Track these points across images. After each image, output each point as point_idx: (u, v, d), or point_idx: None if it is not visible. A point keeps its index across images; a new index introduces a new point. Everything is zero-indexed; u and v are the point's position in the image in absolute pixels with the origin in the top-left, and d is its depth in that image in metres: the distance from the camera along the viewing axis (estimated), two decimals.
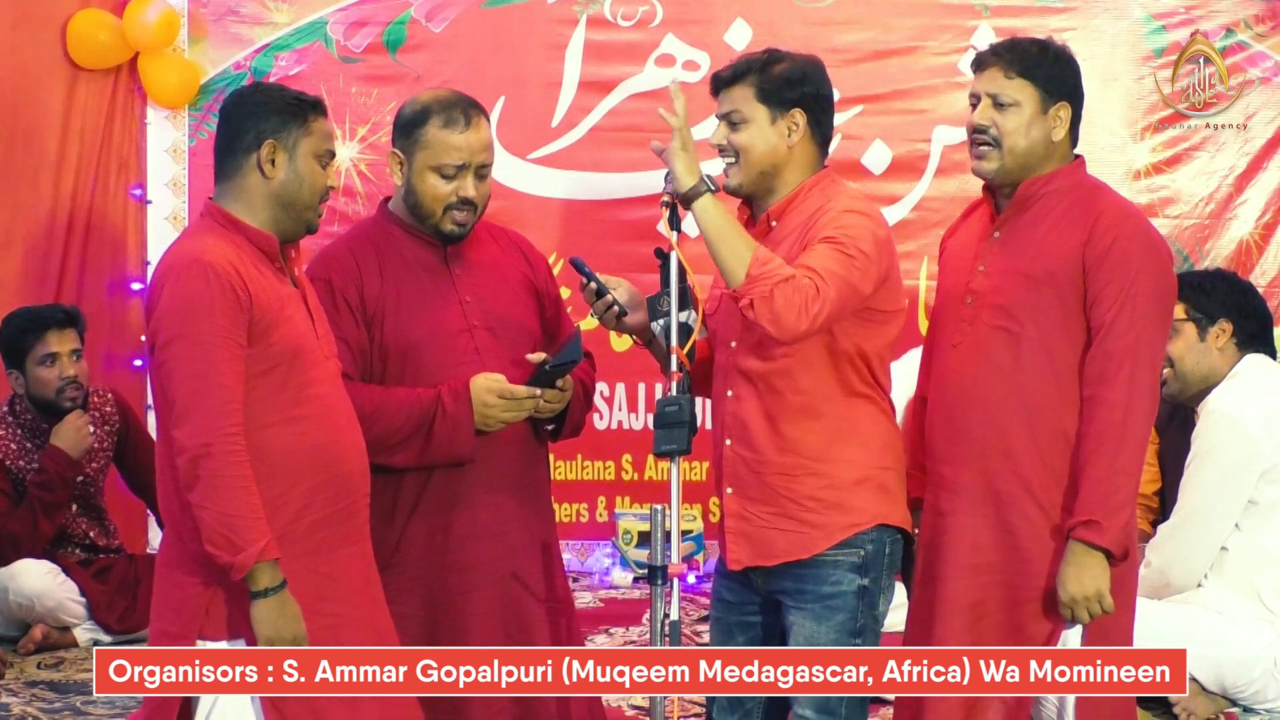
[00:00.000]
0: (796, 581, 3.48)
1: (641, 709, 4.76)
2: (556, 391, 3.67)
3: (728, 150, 3.51)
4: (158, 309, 3.23)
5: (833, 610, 3.46)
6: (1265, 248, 6.54)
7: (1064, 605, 3.39)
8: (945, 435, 3.55)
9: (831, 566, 3.46)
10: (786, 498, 3.46)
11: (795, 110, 3.49)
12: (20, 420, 5.70)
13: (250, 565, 3.14)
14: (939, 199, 6.58)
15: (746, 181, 3.52)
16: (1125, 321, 3.38)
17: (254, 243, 3.31)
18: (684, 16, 6.61)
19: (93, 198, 6.49)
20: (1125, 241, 3.41)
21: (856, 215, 3.44)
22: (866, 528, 3.47)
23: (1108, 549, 3.36)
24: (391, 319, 3.67)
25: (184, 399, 3.17)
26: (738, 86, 3.50)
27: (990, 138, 3.48)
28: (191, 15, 6.54)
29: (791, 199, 3.51)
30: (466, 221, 3.70)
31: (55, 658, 5.50)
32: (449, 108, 3.67)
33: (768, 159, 3.50)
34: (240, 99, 3.40)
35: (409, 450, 3.61)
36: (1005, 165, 3.49)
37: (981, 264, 3.53)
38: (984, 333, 3.49)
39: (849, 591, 3.47)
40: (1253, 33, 6.52)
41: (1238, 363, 4.83)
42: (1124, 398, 3.37)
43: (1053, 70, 3.49)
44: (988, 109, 3.48)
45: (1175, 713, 4.72)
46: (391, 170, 3.73)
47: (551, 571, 3.80)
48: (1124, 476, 3.38)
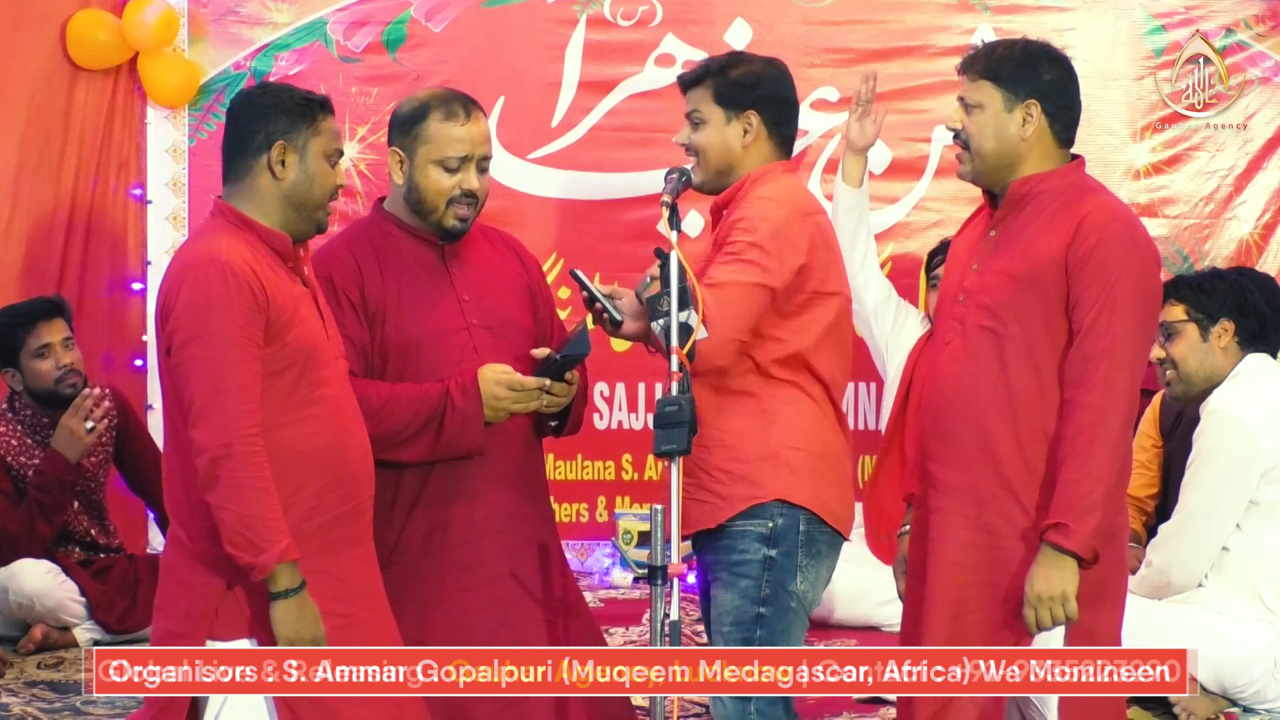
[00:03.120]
0: (713, 553, 3.63)
1: (641, 709, 4.75)
2: (564, 385, 3.69)
3: (690, 149, 3.69)
4: (175, 309, 3.22)
5: (738, 577, 3.59)
6: (1265, 248, 6.54)
7: (1028, 604, 3.38)
8: (933, 433, 3.56)
9: (739, 536, 3.59)
10: (701, 469, 3.59)
11: (750, 112, 3.64)
12: (20, 417, 5.70)
13: (272, 566, 3.15)
14: (939, 199, 6.58)
15: (707, 179, 3.70)
16: (1104, 324, 3.37)
17: (267, 242, 3.31)
18: (684, 16, 6.60)
19: (93, 197, 6.49)
20: (1108, 244, 3.40)
21: (762, 203, 3.60)
22: (766, 500, 3.58)
23: (1075, 552, 3.35)
24: (392, 318, 3.69)
25: (203, 399, 3.17)
26: (698, 88, 3.67)
27: (961, 141, 3.52)
28: (191, 15, 6.53)
29: (735, 190, 3.66)
30: (468, 216, 3.72)
31: (55, 658, 5.50)
32: (448, 102, 3.72)
33: (723, 158, 3.66)
34: (249, 100, 3.39)
35: (419, 445, 3.62)
36: (976, 167, 3.53)
37: (975, 263, 3.55)
38: (972, 332, 3.50)
39: (754, 560, 3.59)
40: (1253, 33, 6.52)
41: (1240, 362, 4.83)
42: (1098, 401, 3.36)
43: (1018, 69, 3.49)
44: (958, 113, 3.53)
45: (1175, 713, 4.72)
46: (391, 169, 3.74)
47: (550, 572, 3.80)
48: (1095, 480, 3.36)
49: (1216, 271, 5.19)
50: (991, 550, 3.47)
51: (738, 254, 3.52)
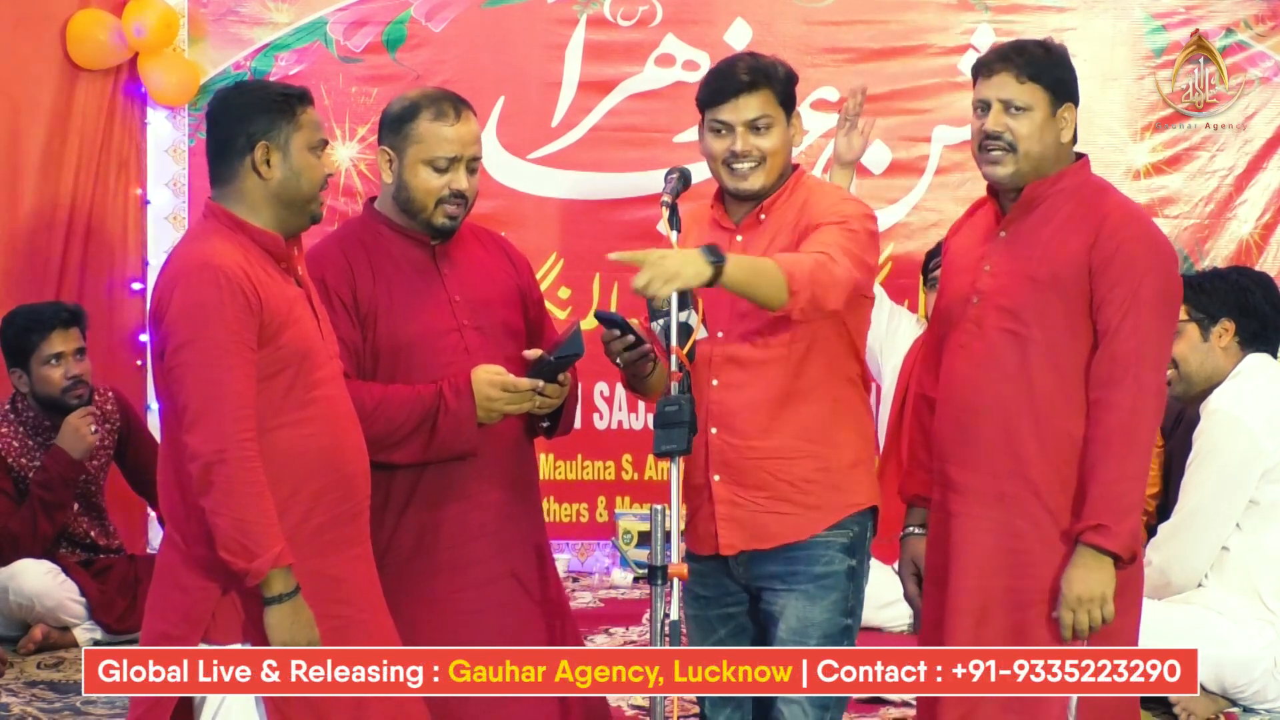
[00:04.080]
0: (788, 564, 3.54)
1: (641, 709, 4.75)
2: (556, 386, 3.67)
3: (751, 155, 3.55)
4: (168, 314, 3.20)
5: (826, 590, 3.53)
6: (1265, 248, 6.54)
7: (1066, 606, 3.37)
8: (953, 436, 3.54)
9: (824, 547, 3.53)
10: (784, 481, 3.52)
11: (795, 111, 3.61)
12: (22, 418, 5.70)
13: (265, 571, 3.13)
14: (939, 199, 6.58)
15: (769, 183, 3.59)
16: (1131, 325, 3.38)
17: (260, 243, 3.29)
18: (684, 16, 6.61)
19: (93, 198, 6.49)
20: (1131, 244, 3.41)
21: (853, 203, 3.62)
22: (864, 508, 3.58)
23: (1116, 553, 3.36)
24: (384, 318, 3.68)
25: (196, 404, 3.15)
26: (759, 92, 3.56)
27: (1005, 143, 3.47)
28: (191, 15, 6.54)
29: (783, 192, 3.60)
30: (457, 215, 3.71)
31: (55, 658, 5.50)
32: (438, 101, 3.70)
33: (784, 159, 3.60)
34: (225, 102, 3.35)
35: (412, 447, 3.62)
36: (1020, 170, 3.48)
37: (987, 264, 3.52)
38: (991, 335, 3.49)
39: (840, 571, 3.55)
40: (1253, 33, 6.52)
41: (1240, 362, 4.83)
42: (1131, 401, 3.37)
43: (1059, 72, 3.50)
44: (1000, 114, 3.47)
45: (1175, 713, 4.71)
46: (380, 168, 3.73)
47: (546, 574, 3.80)
48: (1132, 480, 3.38)
49: (1217, 271, 5.20)
50: (1016, 554, 3.46)
51: (848, 226, 3.49)
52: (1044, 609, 3.43)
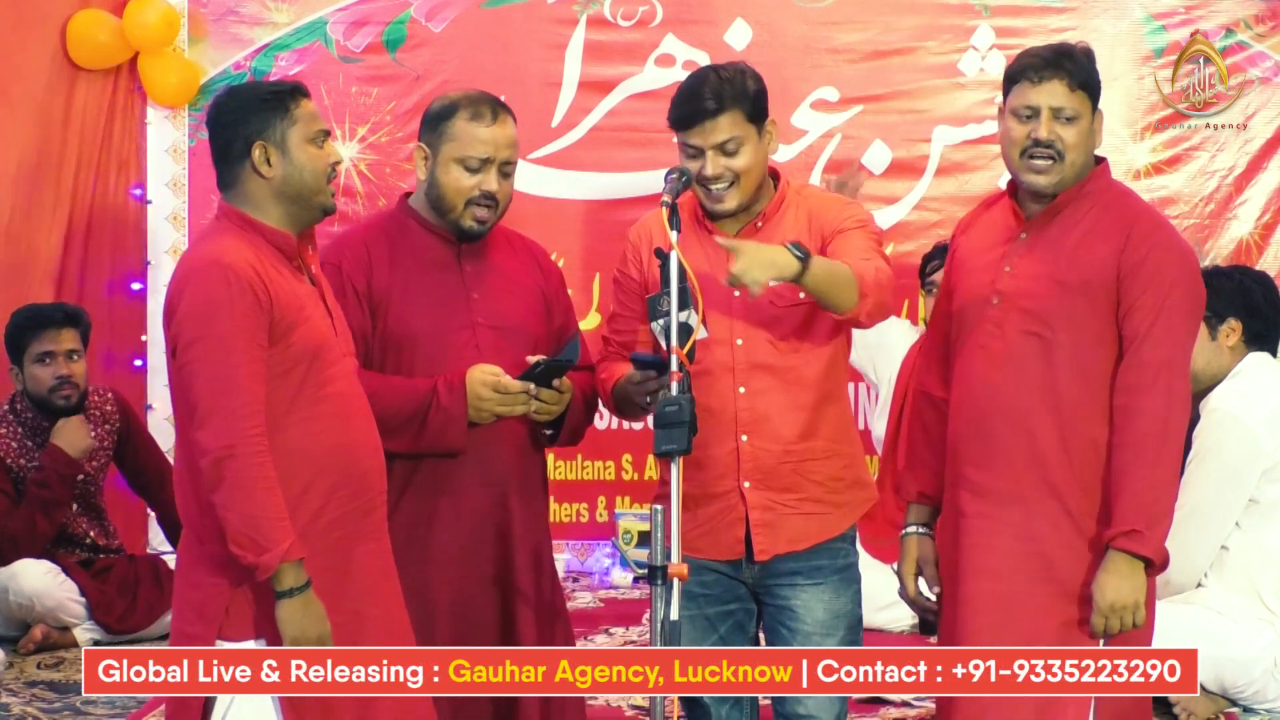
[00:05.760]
0: (809, 559, 3.58)
1: (641, 709, 4.76)
2: (554, 393, 3.66)
3: (723, 177, 3.54)
4: (179, 312, 3.22)
5: (849, 582, 3.64)
6: (1265, 248, 6.54)
7: (1099, 613, 3.37)
8: (969, 437, 3.52)
9: (840, 540, 3.64)
10: (814, 481, 3.57)
11: (767, 120, 3.59)
12: (21, 418, 5.71)
13: (275, 566, 3.15)
14: (939, 199, 6.58)
15: (744, 199, 3.58)
16: (1161, 331, 3.38)
17: (272, 242, 3.31)
18: (684, 16, 6.61)
19: (93, 197, 6.50)
20: (1160, 252, 3.41)
21: (856, 205, 3.70)
22: (875, 500, 3.73)
23: (1149, 558, 3.37)
24: (396, 310, 3.69)
25: (206, 401, 3.17)
26: (726, 114, 3.52)
27: (1055, 151, 3.43)
28: (191, 15, 6.54)
29: (777, 202, 3.62)
30: (487, 219, 3.73)
31: (55, 658, 5.50)
32: (476, 103, 3.75)
33: (760, 173, 3.59)
34: (219, 108, 3.37)
35: (402, 438, 3.62)
36: (1064, 178, 3.46)
37: (1008, 265, 3.50)
38: (1013, 337, 3.47)
39: (855, 564, 3.68)
40: (1253, 33, 6.52)
41: (1240, 361, 4.83)
42: (1162, 407, 3.38)
43: (1097, 78, 3.50)
44: (1051, 122, 3.43)
45: (1175, 713, 4.72)
46: (416, 164, 3.76)
47: (541, 575, 3.78)
48: (1164, 486, 3.39)
49: (1220, 270, 5.19)
50: (1035, 557, 3.45)
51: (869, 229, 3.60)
52: (1063, 612, 3.42)
